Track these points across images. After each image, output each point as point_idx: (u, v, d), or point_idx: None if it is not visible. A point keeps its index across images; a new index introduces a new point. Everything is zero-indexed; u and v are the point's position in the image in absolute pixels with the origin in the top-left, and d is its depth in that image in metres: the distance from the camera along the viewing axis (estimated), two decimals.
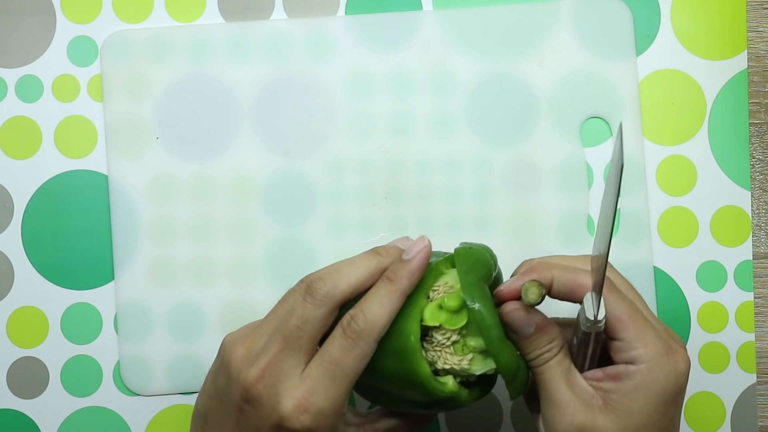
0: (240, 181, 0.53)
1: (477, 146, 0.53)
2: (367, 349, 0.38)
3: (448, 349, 0.40)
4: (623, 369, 0.38)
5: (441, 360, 0.40)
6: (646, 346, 0.38)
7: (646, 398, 0.38)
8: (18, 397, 0.53)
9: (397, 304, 0.39)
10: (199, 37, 0.53)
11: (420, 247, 0.40)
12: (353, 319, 0.38)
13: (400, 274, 0.39)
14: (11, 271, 0.53)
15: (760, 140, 0.54)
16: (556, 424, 0.38)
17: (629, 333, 0.38)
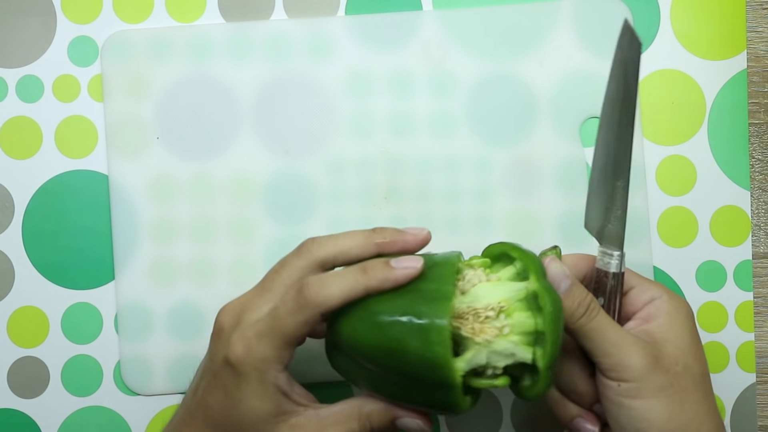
0: (240, 181, 0.53)
1: (477, 146, 0.53)
2: (308, 317, 0.39)
3: (490, 324, 0.39)
4: (650, 307, 0.42)
5: (475, 333, 0.39)
6: (656, 285, 0.43)
7: (682, 320, 0.41)
8: (18, 396, 0.53)
9: (354, 295, 0.39)
10: (199, 37, 0.53)
11: (410, 265, 0.40)
12: (308, 286, 0.39)
13: (377, 274, 0.40)
14: (11, 271, 0.53)
15: (760, 140, 0.54)
16: (631, 364, 0.39)
17: (637, 279, 0.43)
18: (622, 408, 0.40)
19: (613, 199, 0.42)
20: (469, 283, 0.40)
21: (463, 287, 0.40)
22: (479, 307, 0.39)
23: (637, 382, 0.39)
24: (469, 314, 0.39)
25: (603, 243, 0.43)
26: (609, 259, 0.43)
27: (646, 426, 0.39)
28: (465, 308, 0.39)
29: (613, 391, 0.40)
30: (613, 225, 0.42)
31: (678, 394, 0.40)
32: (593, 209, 0.44)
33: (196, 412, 0.41)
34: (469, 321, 0.39)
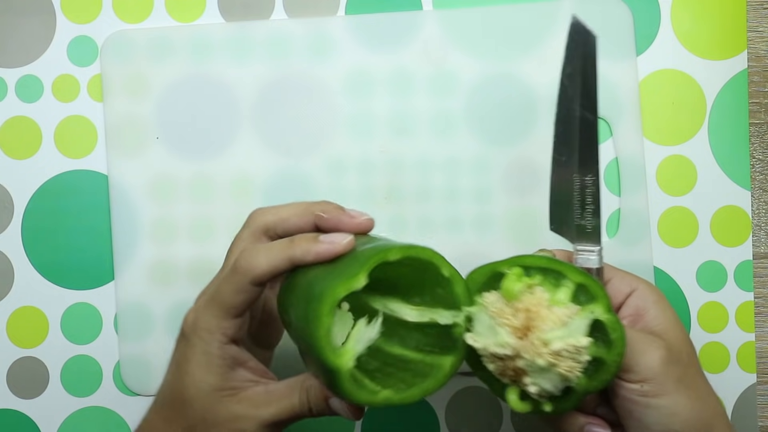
0: (240, 181, 0.53)
1: (477, 146, 0.53)
2: (239, 286, 0.39)
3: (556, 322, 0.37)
4: (635, 299, 0.42)
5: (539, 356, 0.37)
6: (629, 274, 0.43)
7: (668, 306, 0.42)
8: (18, 397, 0.53)
9: (281, 264, 0.39)
10: (199, 37, 0.53)
11: (336, 240, 0.39)
12: (240, 255, 0.39)
13: (302, 246, 0.39)
14: (11, 271, 0.53)
15: (760, 140, 0.54)
16: (649, 362, 0.39)
17: (613, 271, 0.43)
18: (648, 408, 0.39)
19: (583, 195, 0.42)
20: (533, 307, 0.38)
21: (520, 307, 0.38)
22: (560, 347, 0.37)
23: (659, 379, 0.39)
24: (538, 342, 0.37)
25: (579, 241, 0.42)
26: (588, 255, 0.42)
27: (674, 421, 0.39)
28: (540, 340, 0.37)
29: (636, 392, 0.39)
30: (587, 222, 0.42)
31: (691, 383, 0.40)
32: (560, 209, 0.43)
33: (156, 395, 0.41)
34: (532, 346, 0.37)
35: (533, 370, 0.38)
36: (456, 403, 0.53)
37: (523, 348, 0.37)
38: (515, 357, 0.38)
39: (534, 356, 0.37)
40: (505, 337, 0.37)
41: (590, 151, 0.42)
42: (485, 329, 0.38)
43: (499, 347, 0.38)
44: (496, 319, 0.38)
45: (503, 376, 0.39)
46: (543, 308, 0.37)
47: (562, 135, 0.43)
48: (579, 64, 0.41)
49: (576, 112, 0.42)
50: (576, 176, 0.42)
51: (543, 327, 0.37)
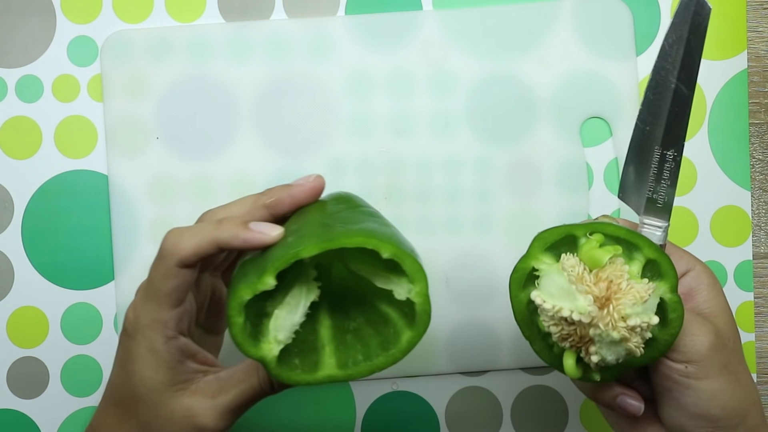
0: (240, 181, 0.53)
1: (477, 146, 0.53)
2: (167, 269, 0.38)
3: (629, 287, 0.37)
4: (689, 280, 0.41)
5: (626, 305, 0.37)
6: (688, 254, 0.42)
7: (721, 291, 0.41)
8: (18, 397, 0.53)
9: (206, 246, 0.38)
10: (199, 37, 0.53)
11: (263, 231, 0.38)
12: (166, 237, 0.39)
13: (229, 229, 0.38)
14: (11, 271, 0.53)
15: (760, 140, 0.54)
16: (697, 345, 0.39)
17: (672, 248, 0.42)
18: (689, 389, 0.39)
19: (661, 169, 0.41)
20: (615, 278, 0.37)
21: (604, 276, 0.37)
22: (636, 324, 0.37)
23: (704, 363, 0.38)
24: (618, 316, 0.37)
25: (648, 214, 0.41)
26: (655, 230, 0.41)
27: (712, 405, 0.38)
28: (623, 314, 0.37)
29: (680, 372, 0.39)
30: (659, 196, 0.41)
31: (735, 370, 0.39)
32: (635, 179, 0.42)
33: (104, 395, 0.41)
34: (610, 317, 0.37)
35: (601, 341, 0.37)
36: (456, 403, 0.53)
37: (601, 317, 0.37)
38: (589, 325, 0.37)
39: (610, 328, 0.36)
40: (586, 305, 0.37)
41: (678, 126, 0.40)
42: (558, 291, 0.38)
43: (577, 313, 0.37)
44: (576, 284, 0.37)
45: (564, 341, 0.38)
46: (624, 281, 0.37)
47: (651, 104, 0.41)
48: (685, 33, 0.40)
49: (671, 83, 0.40)
50: (657, 148, 0.41)
51: (623, 300, 0.37)
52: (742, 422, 0.39)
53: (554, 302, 0.37)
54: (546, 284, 0.38)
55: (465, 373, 0.53)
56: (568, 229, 0.39)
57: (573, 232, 0.39)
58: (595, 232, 0.39)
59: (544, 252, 0.39)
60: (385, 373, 0.52)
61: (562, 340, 0.38)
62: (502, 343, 0.52)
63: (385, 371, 0.39)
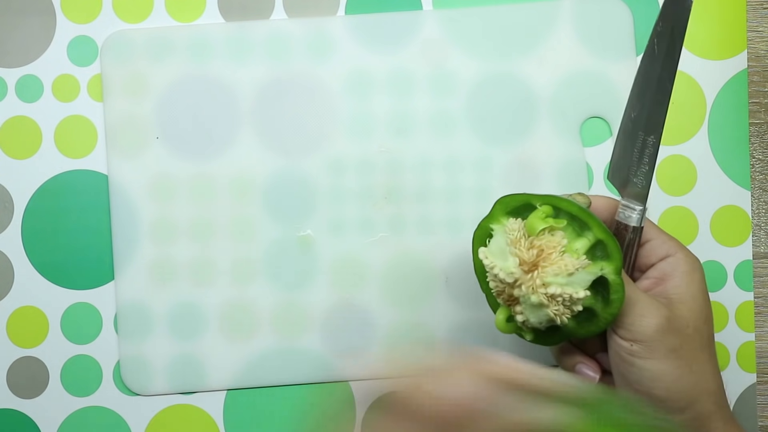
0: (240, 181, 0.53)
1: (477, 146, 0.53)
2: None
3: (556, 259, 0.40)
4: (665, 264, 0.42)
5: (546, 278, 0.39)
6: (672, 240, 0.43)
7: (697, 280, 0.42)
8: (18, 397, 0.53)
9: None
10: (199, 37, 0.53)
11: None
12: None
13: None
14: (11, 271, 0.53)
15: (760, 140, 0.54)
16: (644, 326, 0.40)
17: (656, 232, 0.44)
18: (633, 367, 0.40)
19: (642, 154, 0.43)
20: (547, 248, 0.40)
21: (539, 245, 0.40)
22: (556, 293, 0.39)
23: (649, 344, 0.40)
24: (555, 292, 0.39)
25: (626, 197, 0.43)
26: (630, 212, 0.43)
27: (655, 385, 0.40)
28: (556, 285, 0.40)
29: (625, 350, 0.40)
30: (638, 180, 0.43)
31: (687, 356, 0.40)
32: (619, 162, 0.44)
33: None
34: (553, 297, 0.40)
35: (525, 303, 0.41)
36: None
37: (525, 280, 0.40)
38: (514, 285, 0.40)
39: (530, 291, 0.40)
40: (511, 266, 0.40)
41: (658, 113, 0.42)
42: (498, 251, 0.41)
43: (503, 272, 0.40)
44: (511, 246, 0.41)
45: (498, 296, 0.42)
46: (556, 252, 0.40)
47: (639, 90, 0.43)
48: (669, 25, 0.41)
49: (655, 72, 0.42)
50: (640, 133, 0.43)
51: (548, 269, 0.39)
52: (690, 407, 0.40)
53: (491, 260, 0.41)
54: (492, 243, 0.42)
55: None
56: (527, 197, 0.42)
57: (531, 201, 0.42)
58: (550, 204, 0.42)
59: (504, 215, 0.43)
60: (385, 373, 0.52)
61: (498, 295, 0.42)
62: (502, 343, 0.52)
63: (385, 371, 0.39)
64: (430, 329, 0.52)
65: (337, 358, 0.52)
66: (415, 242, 0.52)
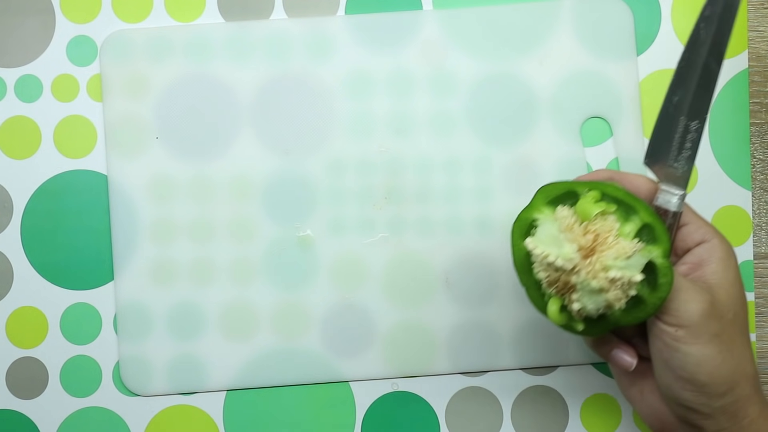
0: (240, 181, 0.52)
1: (477, 146, 0.53)
2: None
3: (610, 244, 0.39)
4: (702, 250, 0.42)
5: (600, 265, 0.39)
6: (708, 225, 0.43)
7: (733, 266, 0.42)
8: (18, 397, 0.53)
9: None
10: (199, 37, 0.53)
11: None
12: None
13: None
14: (11, 271, 0.53)
15: (761, 140, 0.53)
16: (690, 311, 0.40)
17: (692, 216, 0.43)
18: (676, 352, 0.40)
19: (683, 139, 0.42)
20: (603, 232, 0.40)
21: (594, 229, 0.40)
22: (616, 276, 0.39)
23: (694, 329, 0.40)
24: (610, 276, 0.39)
25: (666, 181, 0.43)
26: (671, 197, 0.42)
27: (698, 370, 0.40)
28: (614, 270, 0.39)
29: (669, 335, 0.40)
30: (679, 164, 0.42)
31: (728, 341, 0.40)
32: (659, 146, 0.43)
33: None
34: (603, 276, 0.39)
35: (583, 289, 0.40)
36: (456, 403, 0.53)
37: (584, 266, 0.39)
38: (571, 272, 0.40)
39: (590, 277, 0.39)
40: (569, 252, 0.39)
41: (703, 99, 0.42)
42: (549, 239, 0.41)
43: (561, 259, 0.39)
44: (565, 233, 0.40)
45: (550, 286, 0.41)
46: (611, 236, 0.40)
47: (682, 75, 0.42)
48: (719, 10, 0.41)
49: (701, 57, 0.42)
50: (683, 119, 0.42)
51: (606, 253, 0.39)
52: (730, 391, 0.40)
53: (543, 248, 0.40)
54: (540, 232, 0.41)
55: (465, 373, 0.53)
56: (570, 185, 0.42)
57: (574, 189, 0.42)
58: (595, 189, 0.41)
59: (546, 204, 0.42)
60: (385, 373, 0.52)
61: (549, 285, 0.41)
62: (502, 343, 0.52)
63: (384, 371, 0.39)
64: (430, 329, 0.52)
65: (337, 358, 0.52)
66: (415, 242, 0.52)
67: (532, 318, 0.52)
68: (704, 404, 0.40)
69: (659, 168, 0.43)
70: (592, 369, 0.53)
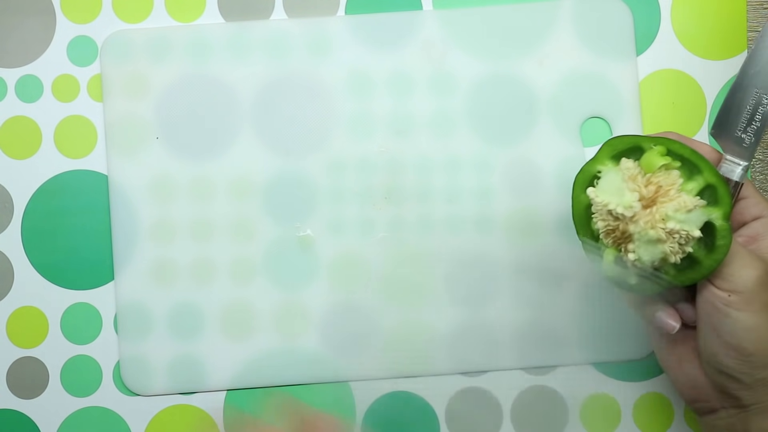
0: (240, 181, 0.52)
1: (477, 146, 0.53)
2: None
3: (671, 197, 0.40)
4: (758, 225, 0.42)
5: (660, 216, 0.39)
6: (765, 201, 0.43)
7: None
8: (18, 397, 0.53)
9: None
10: (199, 37, 0.53)
11: None
12: None
13: None
14: (11, 271, 0.53)
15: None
16: (744, 277, 0.40)
17: (752, 191, 0.43)
18: (727, 318, 0.40)
19: (755, 111, 0.43)
20: (666, 184, 0.40)
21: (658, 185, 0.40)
22: (675, 228, 0.39)
23: (748, 295, 0.40)
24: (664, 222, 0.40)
25: (732, 152, 0.43)
26: (735, 167, 0.43)
27: (747, 336, 0.40)
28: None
29: (722, 300, 0.40)
30: (747, 136, 0.43)
31: None
32: (728, 117, 0.43)
33: None
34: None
35: (640, 239, 0.40)
36: (456, 403, 0.53)
37: (643, 215, 0.40)
38: (630, 221, 0.40)
39: (649, 226, 0.39)
40: (631, 200, 0.40)
41: None
42: (611, 188, 0.41)
43: (621, 207, 0.40)
44: (627, 183, 0.40)
45: (607, 236, 0.41)
46: (673, 190, 0.40)
47: (761, 50, 0.43)
48: None
49: None
50: (757, 91, 0.43)
51: (667, 205, 0.39)
52: None
53: (605, 197, 0.40)
54: (603, 183, 0.42)
55: (465, 373, 0.53)
56: (637, 139, 0.42)
57: (640, 143, 0.42)
58: (662, 145, 0.41)
59: (610, 158, 0.42)
60: (385, 373, 0.52)
61: (607, 235, 0.41)
62: (502, 343, 0.52)
63: (385, 371, 0.38)
64: (430, 329, 0.52)
65: (337, 358, 0.52)
66: (415, 242, 0.52)
67: (532, 318, 0.52)
68: (747, 374, 0.40)
69: (726, 138, 0.43)
70: (592, 369, 0.53)
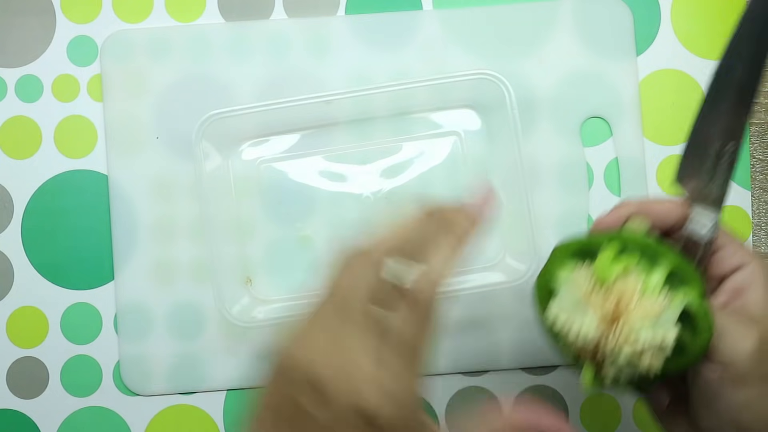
0: (240, 181, 0.52)
1: (477, 146, 0.53)
2: None
3: (639, 302, 0.36)
4: (740, 277, 0.38)
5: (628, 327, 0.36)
6: (744, 249, 0.39)
7: None
8: (18, 397, 0.53)
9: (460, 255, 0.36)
10: (199, 37, 0.53)
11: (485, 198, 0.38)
12: None
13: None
14: (11, 271, 0.53)
15: (761, 140, 0.53)
16: (736, 353, 0.36)
17: (727, 239, 0.39)
18: (721, 396, 0.36)
19: (718, 160, 0.39)
20: (625, 295, 0.37)
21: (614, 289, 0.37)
22: (647, 343, 0.36)
23: (740, 372, 0.36)
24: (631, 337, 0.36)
25: (700, 204, 0.39)
26: (706, 221, 0.39)
27: (744, 414, 0.36)
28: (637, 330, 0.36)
29: (715, 377, 0.36)
30: (715, 188, 0.39)
31: None
32: (691, 165, 0.40)
33: None
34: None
35: (615, 357, 0.37)
36: (456, 403, 0.53)
37: (609, 336, 0.36)
38: (600, 340, 0.37)
39: (618, 348, 0.36)
40: (592, 324, 0.37)
41: (738, 118, 0.38)
42: (572, 304, 0.38)
43: (584, 333, 0.37)
44: (585, 300, 0.37)
45: (582, 354, 0.38)
46: (635, 297, 0.36)
47: (715, 93, 0.39)
48: (757, 28, 0.38)
49: (736, 75, 0.38)
50: (716, 139, 0.39)
51: (634, 316, 0.36)
52: None
53: (567, 316, 0.37)
54: (562, 297, 0.38)
55: (465, 373, 0.53)
56: (586, 242, 0.39)
57: (590, 245, 0.39)
58: (613, 242, 0.38)
59: (563, 266, 0.39)
60: None
61: (581, 353, 0.38)
62: (502, 343, 0.52)
63: None
64: None
65: None
66: None
67: (532, 318, 0.52)
68: None
69: (693, 189, 0.40)
70: None
